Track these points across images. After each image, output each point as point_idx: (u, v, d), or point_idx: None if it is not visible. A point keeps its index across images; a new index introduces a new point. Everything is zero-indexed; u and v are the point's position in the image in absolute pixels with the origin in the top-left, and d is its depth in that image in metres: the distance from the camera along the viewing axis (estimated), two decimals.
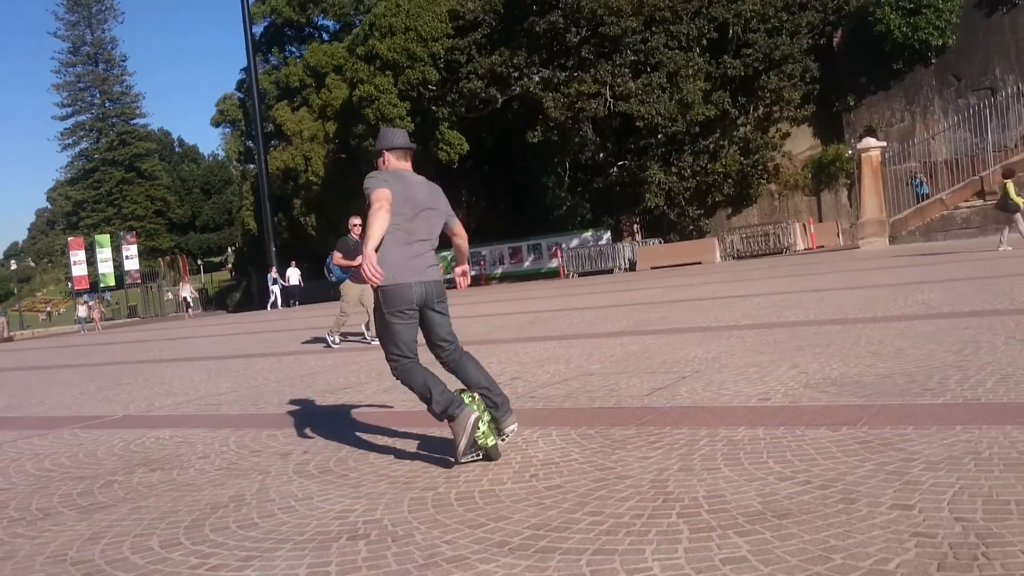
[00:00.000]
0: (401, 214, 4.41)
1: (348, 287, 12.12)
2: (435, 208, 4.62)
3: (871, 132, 31.03)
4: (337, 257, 11.65)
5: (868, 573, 2.57)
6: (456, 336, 4.64)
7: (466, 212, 42.59)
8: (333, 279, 12.19)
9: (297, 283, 36.56)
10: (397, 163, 4.65)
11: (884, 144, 28.61)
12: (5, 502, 4.76)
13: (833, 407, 4.94)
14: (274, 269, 37.99)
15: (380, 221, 4.27)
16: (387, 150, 4.67)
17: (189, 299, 43.27)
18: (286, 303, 36.86)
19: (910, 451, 3.84)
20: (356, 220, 11.50)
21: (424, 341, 4.58)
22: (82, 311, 44.85)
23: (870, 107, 32.91)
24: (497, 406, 4.48)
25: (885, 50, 30.92)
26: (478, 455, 4.45)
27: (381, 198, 4.33)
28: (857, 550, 2.76)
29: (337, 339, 12.57)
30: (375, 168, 4.72)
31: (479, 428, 4.34)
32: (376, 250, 4.22)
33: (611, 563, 2.87)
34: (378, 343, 10.53)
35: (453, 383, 4.57)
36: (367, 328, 12.52)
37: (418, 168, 4.82)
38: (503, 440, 4.54)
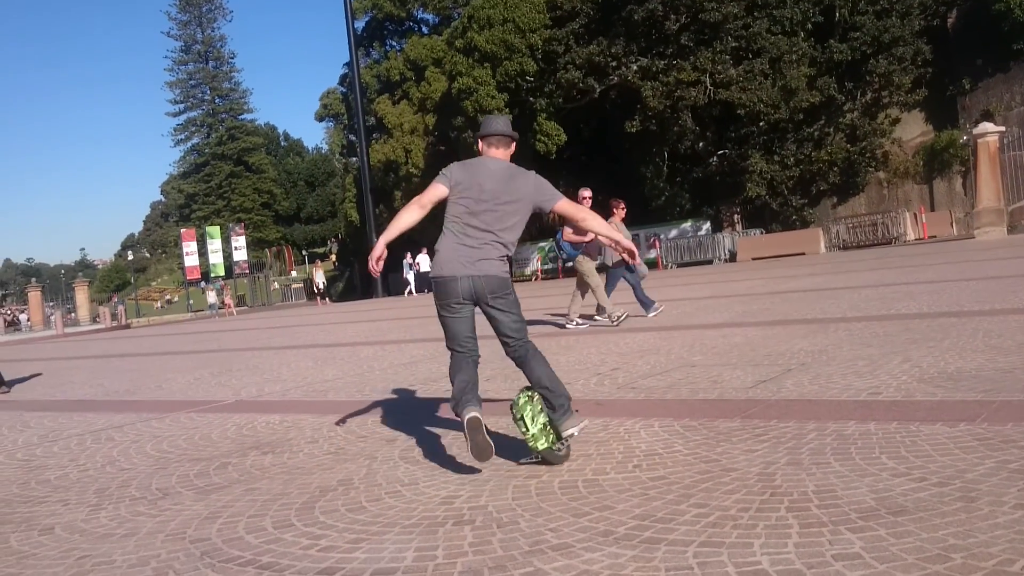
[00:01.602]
0: (462, 205, 4.39)
1: (585, 263, 11.28)
2: (507, 200, 4.42)
3: (988, 116, 29.63)
4: (568, 232, 10.92)
5: (991, 574, 2.47)
6: (523, 332, 4.45)
7: None
8: (564, 256, 11.46)
9: (427, 270, 36.77)
10: (488, 151, 4.59)
11: (1002, 129, 27.28)
12: (127, 481, 5.00)
13: (949, 402, 4.75)
14: (409, 255, 37.76)
15: (403, 217, 4.47)
16: (480, 138, 4.66)
17: (322, 286, 41.16)
18: (420, 290, 36.84)
19: None
20: (587, 192, 10.92)
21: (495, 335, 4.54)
22: (211, 297, 46.50)
23: (987, 90, 31.43)
24: (555, 408, 4.30)
25: (1004, 30, 29.46)
26: (536, 458, 4.32)
27: (426, 192, 4.49)
28: (979, 550, 2.65)
29: (618, 312, 11.31)
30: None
31: (528, 430, 4.19)
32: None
33: (718, 556, 2.83)
34: (574, 325, 10.97)
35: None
36: (576, 310, 11.79)
37: (516, 159, 4.77)
38: (563, 444, 4.34)
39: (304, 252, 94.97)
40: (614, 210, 11.78)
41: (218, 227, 65.97)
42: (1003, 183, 26.72)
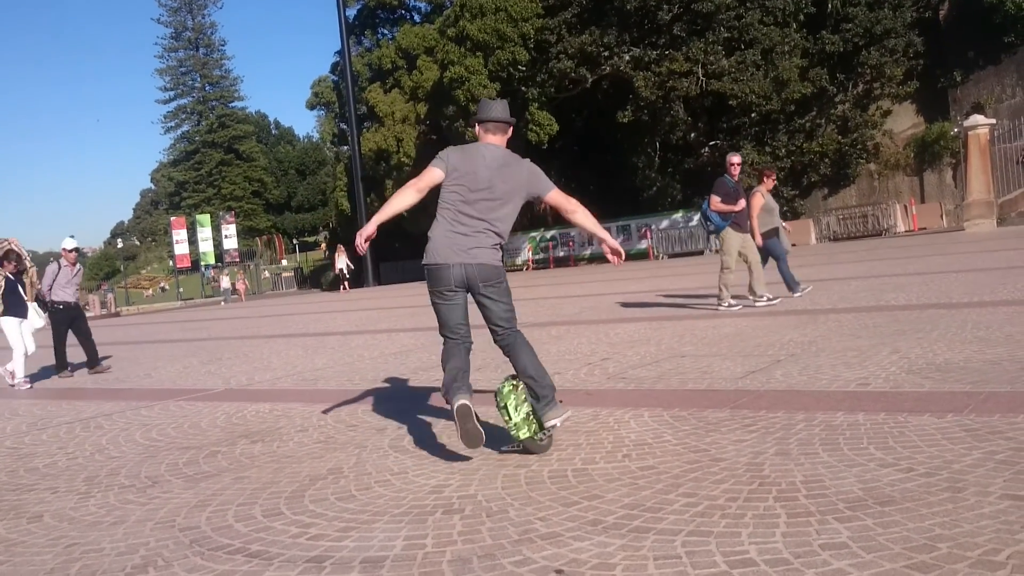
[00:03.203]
0: (456, 192, 4.37)
1: (729, 236, 10.40)
2: (502, 189, 4.40)
3: (979, 109, 29.66)
4: (715, 201, 10.22)
5: (976, 563, 2.49)
6: (512, 321, 4.45)
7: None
8: (711, 228, 10.52)
9: None
10: (484, 136, 4.55)
11: (993, 121, 27.32)
12: (116, 470, 4.99)
13: (937, 393, 4.78)
14: None
15: (398, 199, 4.45)
16: (477, 123, 4.61)
17: (346, 271, 39.87)
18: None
19: (1021, 440, 3.69)
20: (736, 158, 10.54)
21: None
22: (225, 282, 46.20)
23: (978, 83, 31.45)
24: (538, 398, 4.29)
25: (995, 22, 29.45)
26: (517, 447, 4.34)
27: (422, 176, 4.46)
28: (965, 540, 2.67)
29: (731, 301, 10.51)
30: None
31: (511, 418, 4.22)
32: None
33: (707, 545, 2.85)
34: (764, 303, 10.31)
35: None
36: (753, 290, 10.68)
37: (508, 149, 4.74)
38: (545, 434, 4.33)
39: (295, 241, 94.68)
40: (764, 179, 11.14)
41: (208, 215, 65.75)
42: (993, 175, 26.77)
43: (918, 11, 31.73)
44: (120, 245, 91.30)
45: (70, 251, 11.27)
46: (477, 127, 4.60)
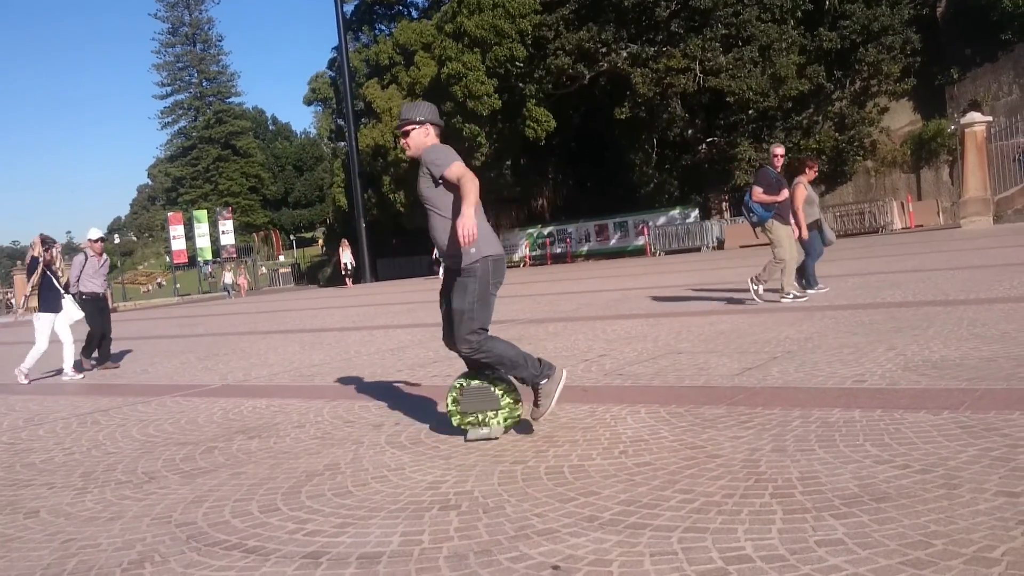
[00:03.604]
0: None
1: (777, 227, 10.07)
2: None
3: (976, 106, 29.70)
4: (757, 192, 10.03)
5: (971, 560, 2.50)
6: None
7: (552, 189, 42.52)
8: (754, 219, 10.22)
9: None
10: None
11: (990, 119, 27.35)
12: (113, 465, 4.99)
13: (933, 390, 4.79)
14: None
15: (475, 183, 4.41)
16: (435, 124, 4.77)
17: (351, 267, 39.34)
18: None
19: (1017, 437, 3.70)
20: (779, 149, 10.41)
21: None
22: (227, 278, 46.03)
23: (975, 80, 31.50)
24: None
25: (993, 19, 29.50)
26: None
27: (463, 166, 4.52)
28: (960, 536, 2.68)
29: (795, 292, 10.26)
30: (431, 139, 4.76)
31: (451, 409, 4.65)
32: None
33: (703, 541, 2.85)
34: (790, 300, 10.12)
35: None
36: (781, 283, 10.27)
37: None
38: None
39: (292, 237, 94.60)
40: (806, 169, 10.95)
41: (205, 211, 65.67)
42: (989, 173, 26.81)
43: (915, 8, 31.77)
44: (117, 241, 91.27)
45: (96, 241, 11.16)
46: (436, 130, 4.78)
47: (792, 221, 10.37)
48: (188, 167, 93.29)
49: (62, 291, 10.20)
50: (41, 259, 10.07)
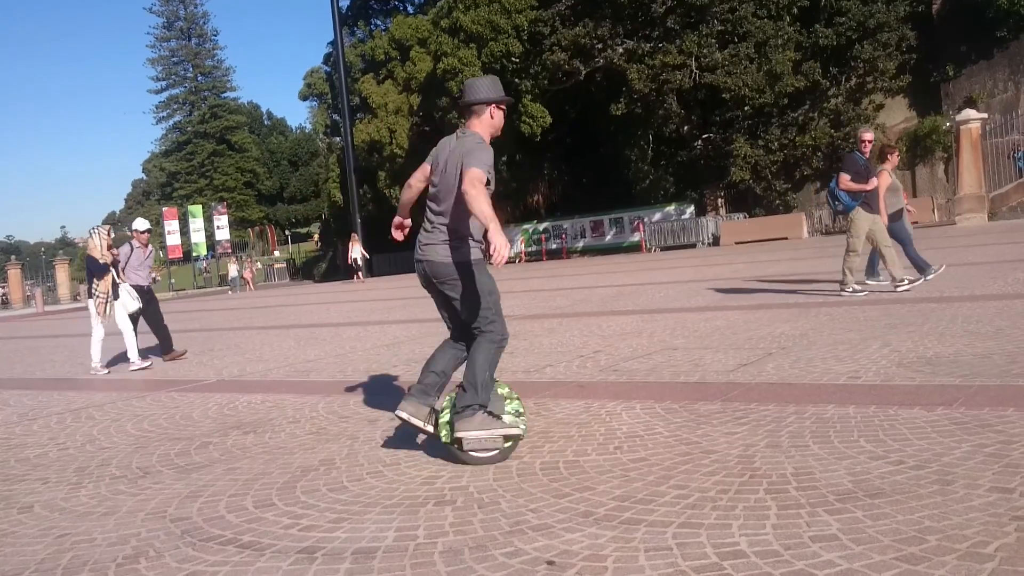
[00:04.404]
0: (431, 186, 4.38)
1: (860, 217, 9.76)
2: (444, 177, 4.22)
3: (971, 103, 29.74)
4: (844, 180, 9.62)
5: (965, 556, 2.51)
6: (474, 320, 4.25)
7: (548, 185, 42.47)
8: (840, 208, 9.90)
9: None
10: (468, 122, 4.35)
11: (985, 116, 27.37)
12: (107, 460, 4.98)
13: (928, 387, 4.80)
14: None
15: (403, 192, 4.51)
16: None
17: (360, 261, 38.46)
18: None
19: (1010, 433, 3.71)
20: (868, 135, 10.14)
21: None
22: (233, 270, 45.77)
23: (970, 77, 31.51)
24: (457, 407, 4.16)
25: (988, 16, 29.51)
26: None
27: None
28: (953, 532, 2.69)
29: (855, 286, 9.97)
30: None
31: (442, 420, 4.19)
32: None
33: (697, 536, 2.86)
34: (906, 287, 9.88)
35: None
36: (892, 275, 9.94)
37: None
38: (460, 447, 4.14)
39: (287, 232, 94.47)
40: (888, 156, 10.53)
41: (200, 206, 65.49)
42: (985, 170, 26.83)
43: (911, 5, 31.77)
44: (112, 236, 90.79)
45: (142, 232, 10.98)
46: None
47: (889, 202, 10.11)
48: (183, 162, 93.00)
49: (119, 280, 10.10)
50: (111, 258, 9.97)
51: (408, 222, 4.71)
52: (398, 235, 4.71)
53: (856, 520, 2.87)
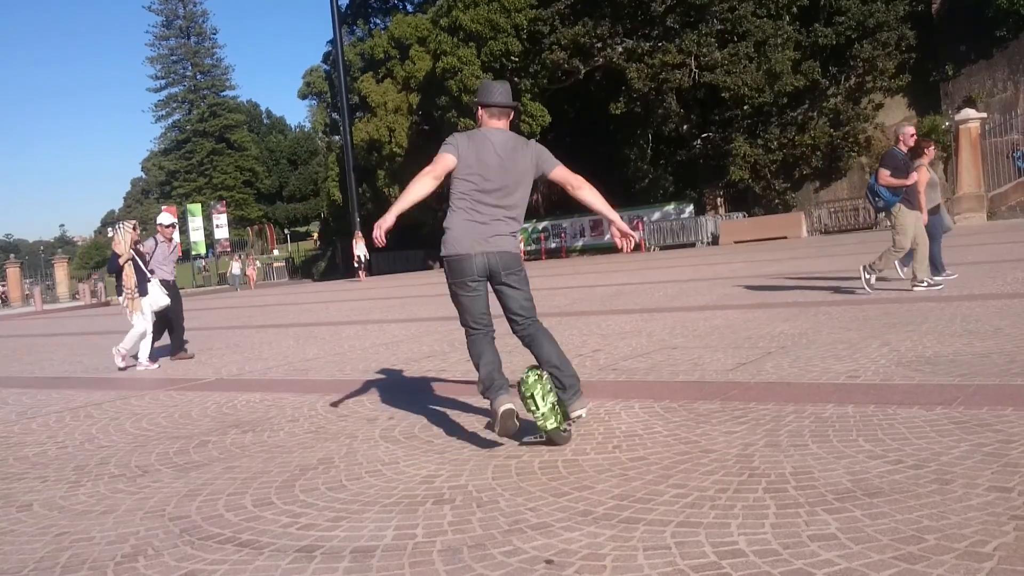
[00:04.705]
0: (469, 181, 4.30)
1: (905, 214, 9.56)
2: (514, 173, 4.36)
3: (970, 103, 29.75)
4: (884, 175, 9.48)
5: (964, 555, 2.51)
6: (532, 311, 4.44)
7: (547, 184, 42.46)
8: (880, 204, 9.74)
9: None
10: (489, 121, 4.46)
11: (984, 115, 27.40)
12: (106, 459, 4.98)
13: (927, 386, 4.80)
14: None
15: (415, 188, 4.29)
16: (482, 106, 4.50)
17: (364, 259, 38.10)
18: None
19: (1009, 432, 3.71)
20: (911, 130, 9.96)
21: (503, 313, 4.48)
22: (235, 268, 45.55)
23: (970, 77, 31.52)
24: (565, 388, 4.30)
25: (987, 16, 29.52)
26: (541, 438, 4.27)
27: (436, 163, 4.32)
28: (952, 531, 2.69)
29: (929, 280, 9.75)
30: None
31: (538, 408, 4.10)
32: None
33: (696, 536, 2.86)
34: (921, 289, 9.70)
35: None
36: (914, 272, 9.83)
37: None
38: (570, 425, 4.34)
39: (287, 231, 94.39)
40: (924, 150, 10.39)
41: (199, 205, 65.51)
42: (984, 169, 26.87)
43: (911, 4, 31.78)
44: (110, 234, 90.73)
45: (167, 227, 10.79)
46: (480, 110, 4.50)
47: (928, 197, 9.98)
48: (182, 160, 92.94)
49: (148, 275, 9.99)
50: (128, 251, 9.85)
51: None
52: (383, 239, 4.42)
53: (855, 519, 2.87)
